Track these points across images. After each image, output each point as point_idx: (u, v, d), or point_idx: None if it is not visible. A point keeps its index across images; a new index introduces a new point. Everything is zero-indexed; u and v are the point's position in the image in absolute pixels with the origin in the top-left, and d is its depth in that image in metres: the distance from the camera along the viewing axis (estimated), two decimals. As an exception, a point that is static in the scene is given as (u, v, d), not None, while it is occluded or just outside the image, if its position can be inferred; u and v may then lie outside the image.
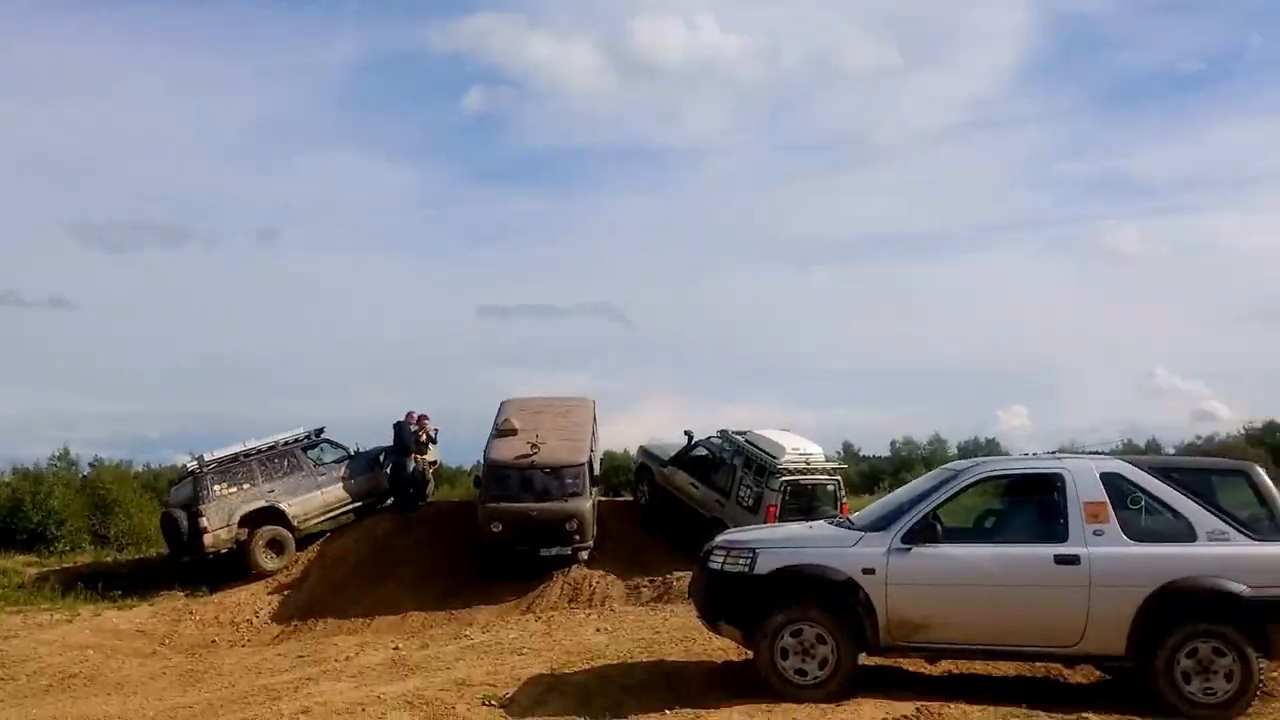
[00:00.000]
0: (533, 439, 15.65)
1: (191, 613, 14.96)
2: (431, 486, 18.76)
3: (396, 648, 11.08)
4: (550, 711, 7.46)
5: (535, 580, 15.13)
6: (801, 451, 15.97)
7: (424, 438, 18.02)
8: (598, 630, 11.33)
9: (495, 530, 14.96)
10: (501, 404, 17.55)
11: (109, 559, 19.52)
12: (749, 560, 7.56)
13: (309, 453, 17.29)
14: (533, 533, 14.88)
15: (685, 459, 17.63)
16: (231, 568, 16.16)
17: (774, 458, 15.61)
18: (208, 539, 15.75)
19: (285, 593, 15.67)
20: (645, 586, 14.86)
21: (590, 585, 15.05)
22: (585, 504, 15.15)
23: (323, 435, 17.60)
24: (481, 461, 16.08)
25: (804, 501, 15.50)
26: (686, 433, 17.87)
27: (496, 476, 15.31)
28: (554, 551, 15.11)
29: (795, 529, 8.69)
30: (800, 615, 7.39)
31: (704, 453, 17.48)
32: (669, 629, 10.93)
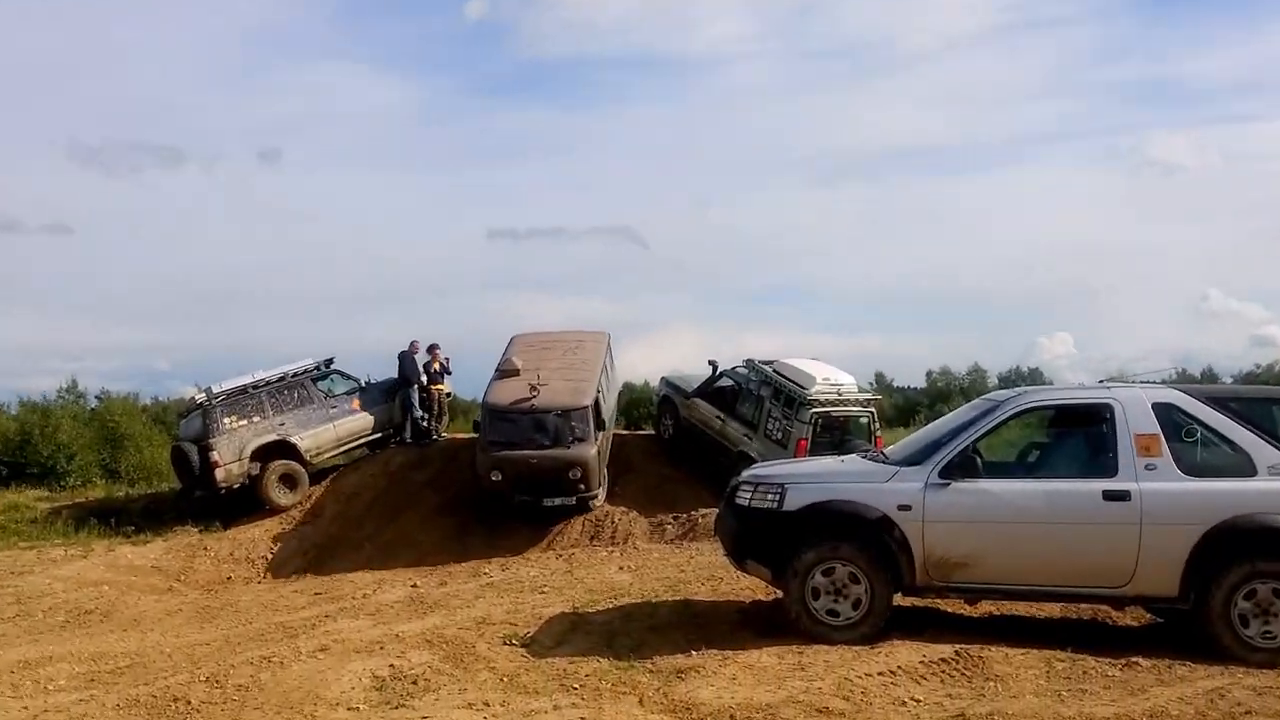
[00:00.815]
0: (534, 380, 15.35)
1: (206, 549, 15.17)
2: (446, 419, 18.84)
3: (414, 585, 11.20)
4: (573, 651, 7.48)
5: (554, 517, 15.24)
6: (833, 381, 15.87)
7: (436, 368, 18.08)
8: (621, 569, 11.40)
9: (494, 479, 14.76)
10: (511, 339, 17.47)
11: (121, 494, 19.79)
12: (778, 496, 7.51)
13: (319, 384, 17.36)
14: (534, 482, 14.66)
15: (710, 391, 17.58)
16: (245, 503, 16.33)
17: (804, 388, 15.52)
18: (219, 474, 15.88)
19: (300, 529, 15.84)
20: (670, 524, 14.91)
21: (612, 522, 15.10)
22: (590, 450, 14.80)
23: (332, 366, 17.67)
24: (481, 403, 15.97)
25: (836, 435, 15.48)
26: (711, 363, 17.81)
27: (494, 421, 15.03)
28: (557, 502, 14.86)
29: (826, 463, 8.62)
30: (832, 553, 7.35)
31: (729, 384, 17.43)
32: (694, 567, 10.98)
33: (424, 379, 18.03)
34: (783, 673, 6.65)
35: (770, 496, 7.55)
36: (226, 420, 16.17)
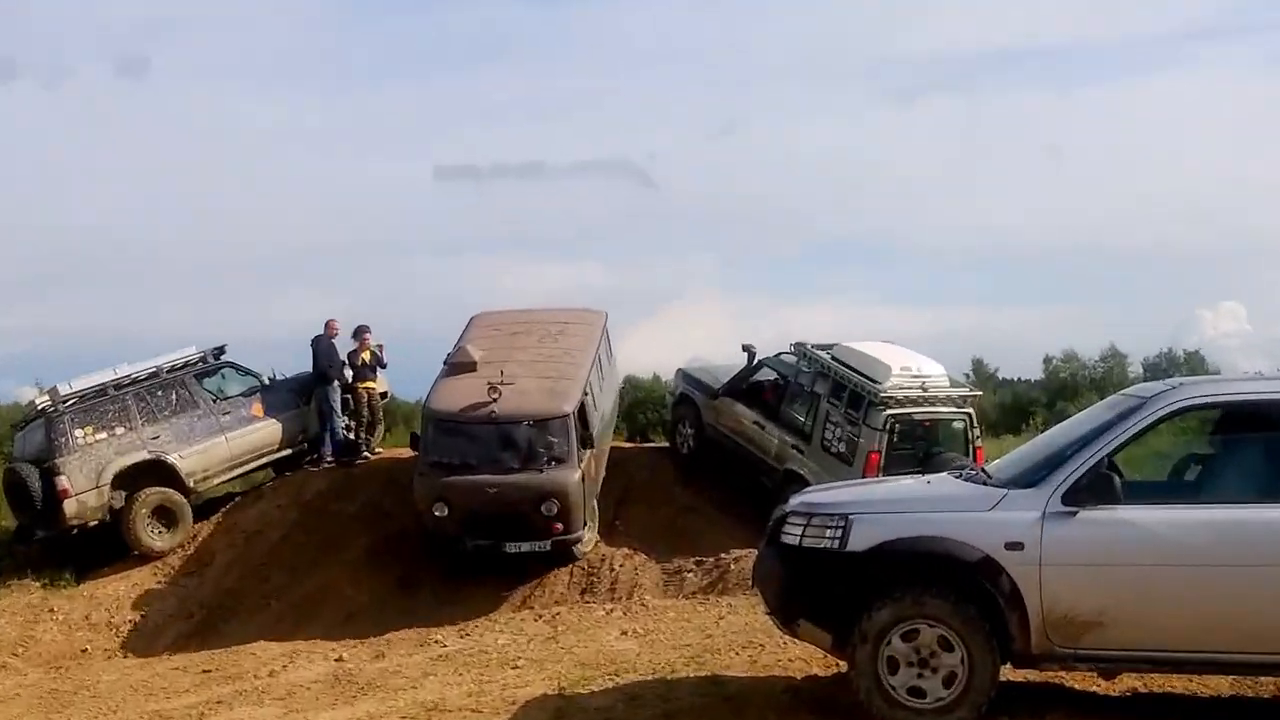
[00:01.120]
0: (496, 377, 15.21)
1: (51, 610, 15.24)
2: (381, 429, 18.92)
3: (340, 659, 11.26)
4: (558, 750, 7.53)
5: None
6: (914, 372, 15.89)
7: (365, 358, 18.18)
8: (624, 633, 11.45)
9: (438, 515, 14.63)
10: (470, 321, 17.48)
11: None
12: (840, 531, 7.48)
13: (206, 382, 17.44)
14: (493, 520, 14.49)
15: (744, 386, 17.63)
16: (105, 547, 16.37)
17: (875, 382, 15.52)
18: (69, 506, 15.90)
19: (182, 582, 15.90)
20: (690, 571, 14.96)
21: (612, 570, 15.15)
22: (570, 476, 14.69)
23: (224, 357, 17.74)
24: (422, 409, 15.79)
25: (919, 445, 15.54)
26: (746, 349, 17.85)
27: (440, 435, 15.03)
28: (525, 548, 14.71)
29: (907, 485, 8.63)
30: (916, 610, 7.33)
31: (771, 377, 17.48)
32: (725, 631, 11.01)
33: (348, 374, 18.13)
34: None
35: (830, 532, 7.52)
36: (79, 433, 16.20)
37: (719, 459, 17.72)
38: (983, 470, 8.26)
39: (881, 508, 7.69)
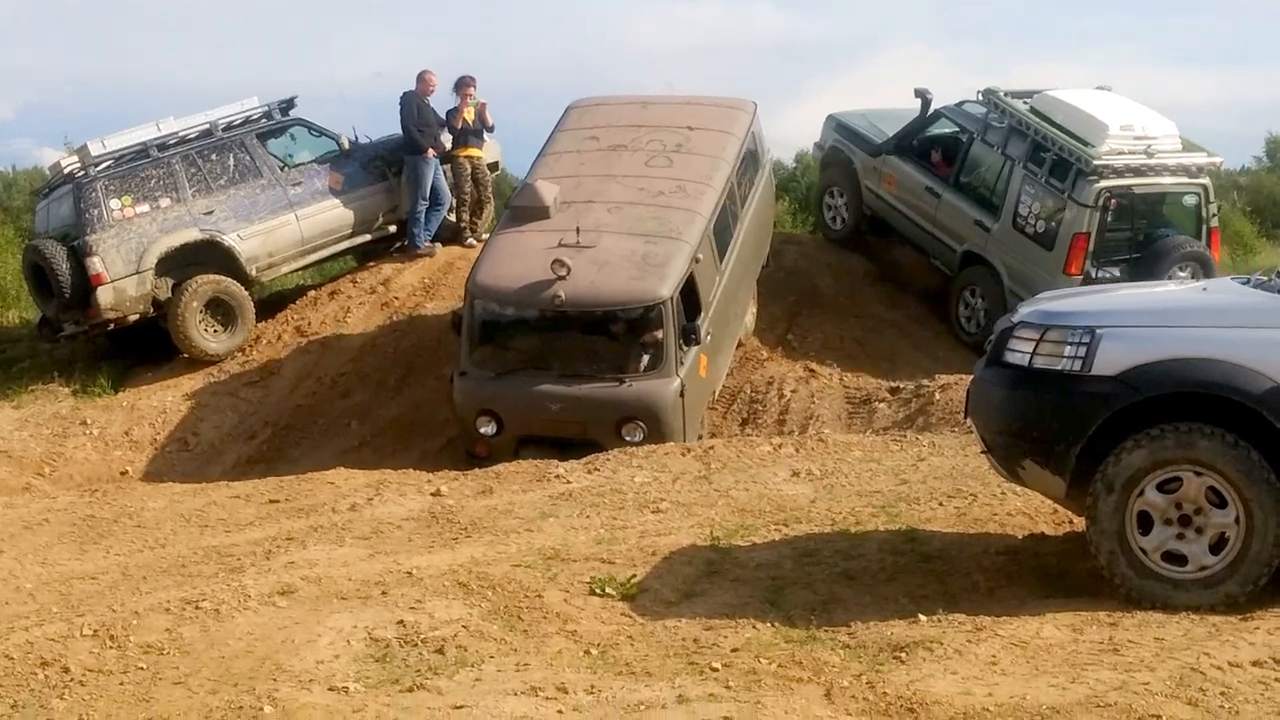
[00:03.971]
0: (573, 233, 14.10)
1: (84, 423, 15.77)
2: (488, 211, 19.09)
3: (437, 492, 11.38)
4: (712, 610, 7.65)
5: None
6: (1138, 132, 15.93)
7: (468, 119, 18.25)
8: (796, 474, 11.45)
9: (484, 433, 14.00)
10: (564, 113, 16.71)
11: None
12: (1084, 349, 7.45)
13: (271, 144, 17.65)
14: (557, 446, 13.57)
15: (915, 142, 17.83)
16: (149, 345, 16.90)
17: (1088, 144, 15.62)
18: (104, 295, 16.21)
19: (244, 393, 16.32)
20: (883, 400, 15.01)
21: (781, 395, 15.24)
22: (664, 389, 13.76)
23: (294, 114, 17.86)
24: (466, 285, 14.64)
25: (1140, 227, 15.86)
26: (919, 93, 17.82)
27: (489, 322, 14.42)
28: None
29: (1172, 292, 8.50)
30: (1180, 453, 7.29)
31: (952, 130, 17.68)
32: (925, 476, 11.02)
33: (446, 139, 18.26)
34: (1080, 656, 6.69)
35: (1070, 350, 7.49)
36: (115, 204, 16.42)
37: (887, 238, 18.26)
38: (1277, 276, 8.07)
39: (1139, 319, 7.61)
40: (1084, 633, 7.00)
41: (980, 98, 17.19)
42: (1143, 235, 15.66)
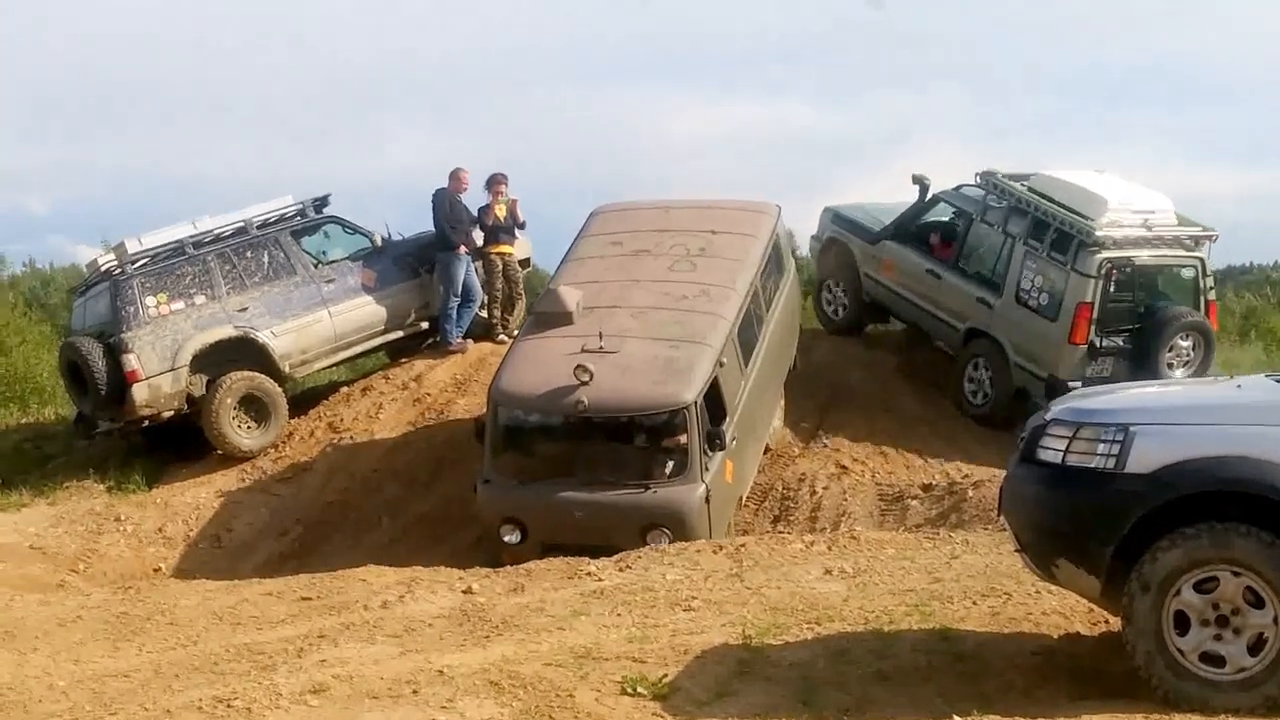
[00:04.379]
0: (596, 338, 13.89)
1: (118, 520, 15.80)
2: (520, 307, 19.04)
3: (469, 589, 11.41)
4: (743, 711, 7.60)
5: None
6: (1135, 207, 16.24)
7: (499, 216, 18.31)
8: (828, 572, 11.39)
9: (509, 541, 13.79)
10: (588, 219, 16.65)
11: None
12: (1118, 447, 7.41)
13: (305, 242, 17.77)
14: (582, 553, 12.98)
15: (913, 228, 18.05)
16: (183, 443, 16.93)
17: (1088, 218, 15.88)
18: (139, 392, 16.27)
19: (275, 490, 16.36)
20: (916, 497, 14.96)
21: (814, 492, 15.17)
22: (689, 495, 13.49)
23: (328, 210, 17.99)
24: (489, 392, 14.47)
25: (1140, 297, 16.19)
26: (917, 180, 18.05)
27: (512, 429, 14.26)
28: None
29: (1207, 389, 8.48)
30: (1216, 553, 7.24)
31: (949, 215, 17.95)
32: (959, 574, 10.95)
33: (478, 235, 18.34)
34: (1118, 765, 6.65)
35: (1104, 448, 7.45)
36: (151, 301, 16.51)
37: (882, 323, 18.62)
38: (1324, 373, 8.08)
39: (1174, 417, 7.57)
40: (1122, 738, 6.94)
41: (978, 180, 17.46)
42: (1143, 307, 16.00)
